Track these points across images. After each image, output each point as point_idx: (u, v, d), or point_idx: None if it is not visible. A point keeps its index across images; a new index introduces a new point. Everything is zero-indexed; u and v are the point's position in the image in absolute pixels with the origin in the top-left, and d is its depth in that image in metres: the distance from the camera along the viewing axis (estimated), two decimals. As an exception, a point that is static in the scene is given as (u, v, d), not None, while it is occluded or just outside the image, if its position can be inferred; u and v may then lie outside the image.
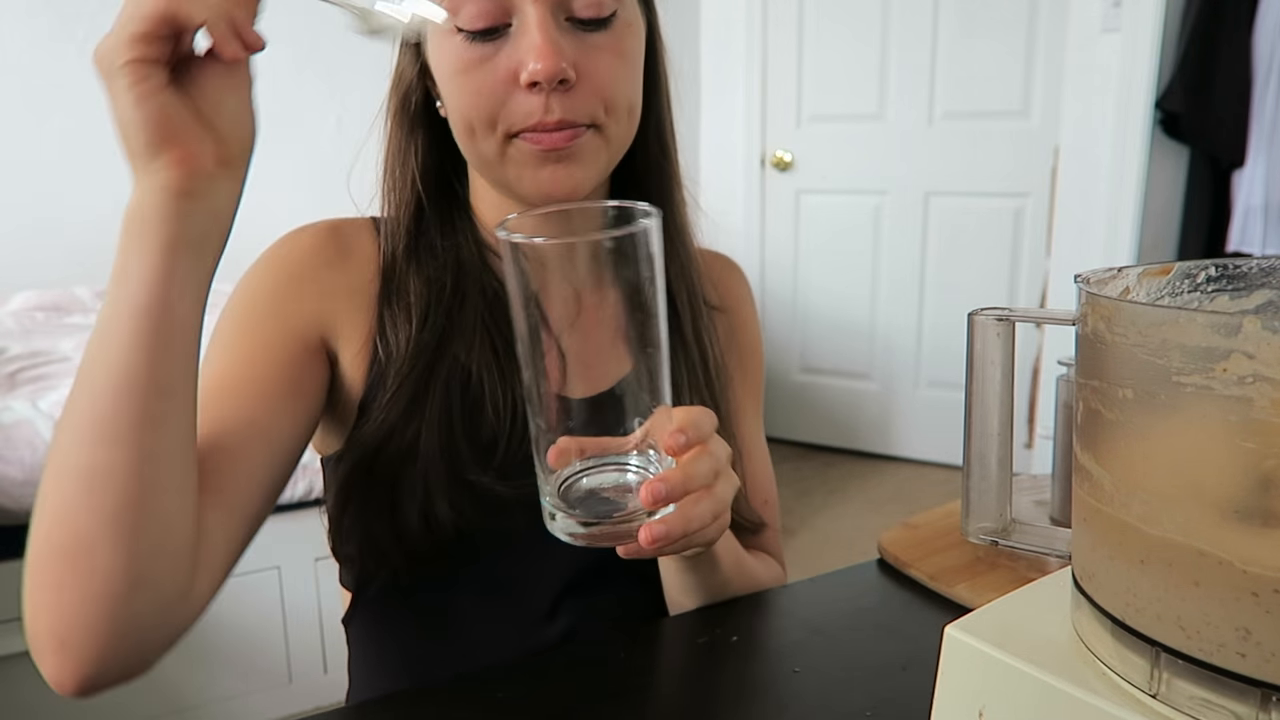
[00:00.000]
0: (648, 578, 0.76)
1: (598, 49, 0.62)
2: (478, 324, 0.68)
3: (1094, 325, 0.35)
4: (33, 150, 2.43)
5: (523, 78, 0.59)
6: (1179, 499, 0.32)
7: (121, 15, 0.45)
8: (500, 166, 0.64)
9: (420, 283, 0.68)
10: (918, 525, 0.78)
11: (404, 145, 0.70)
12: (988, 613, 0.41)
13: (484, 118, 0.62)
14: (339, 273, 0.67)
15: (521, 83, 0.60)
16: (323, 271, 0.67)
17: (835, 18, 2.98)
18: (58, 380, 1.61)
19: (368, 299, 0.68)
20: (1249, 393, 0.29)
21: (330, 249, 0.68)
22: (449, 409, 0.65)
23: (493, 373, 0.66)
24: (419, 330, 0.66)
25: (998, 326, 0.52)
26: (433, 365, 0.66)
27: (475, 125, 0.62)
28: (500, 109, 0.61)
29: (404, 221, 0.69)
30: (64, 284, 2.43)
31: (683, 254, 0.75)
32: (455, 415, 0.65)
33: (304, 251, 0.67)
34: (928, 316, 3.03)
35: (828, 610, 0.68)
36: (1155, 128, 2.43)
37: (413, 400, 0.65)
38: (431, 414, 0.65)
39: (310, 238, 0.68)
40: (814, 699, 0.56)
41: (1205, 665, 0.31)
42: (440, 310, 0.67)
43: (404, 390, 0.65)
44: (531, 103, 0.60)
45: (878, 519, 2.68)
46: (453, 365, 0.66)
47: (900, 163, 2.96)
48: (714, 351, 0.75)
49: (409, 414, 0.65)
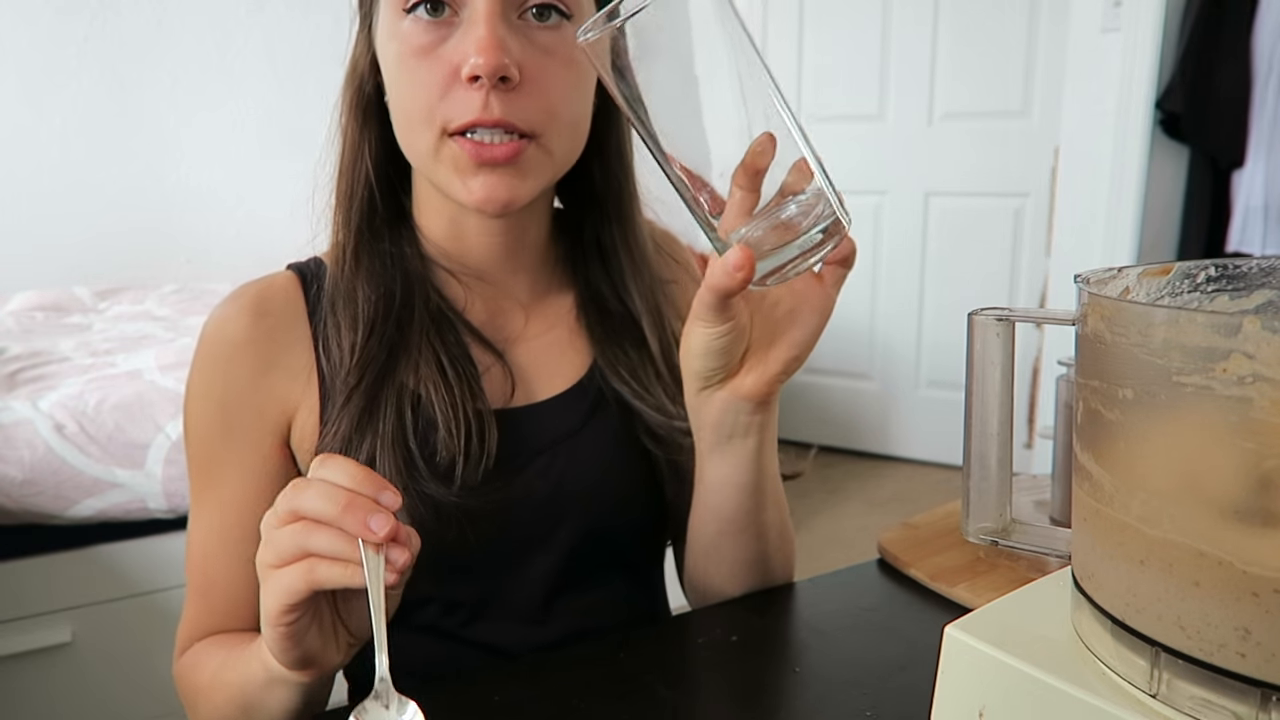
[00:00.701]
0: (639, 575, 0.76)
1: (547, 53, 0.60)
2: (423, 342, 0.65)
3: (1094, 325, 0.35)
4: (33, 150, 2.43)
5: (464, 70, 0.57)
6: (1179, 499, 0.32)
7: (271, 588, 0.49)
8: (433, 166, 0.62)
9: (370, 288, 0.66)
10: (918, 525, 0.78)
11: (358, 139, 0.67)
12: (988, 613, 0.41)
13: (422, 110, 0.60)
14: (274, 344, 0.66)
15: (462, 76, 0.58)
16: (259, 354, 0.65)
17: (835, 18, 2.98)
18: (57, 380, 1.61)
19: (307, 340, 0.67)
20: (1249, 393, 0.29)
21: (257, 327, 0.66)
22: (402, 428, 0.63)
23: (441, 393, 0.64)
24: (366, 337, 0.64)
25: (998, 326, 0.52)
26: (383, 378, 0.64)
27: (413, 117, 0.61)
28: (438, 102, 0.59)
29: (355, 221, 0.67)
30: (64, 284, 2.43)
31: (646, 273, 0.75)
32: (410, 434, 0.63)
33: (234, 348, 0.65)
34: (928, 316, 3.03)
35: (828, 610, 0.68)
36: (1155, 128, 2.43)
37: (365, 413, 0.63)
38: (385, 430, 0.63)
39: (235, 327, 0.66)
40: (814, 699, 0.56)
41: (1205, 665, 0.31)
42: (390, 322, 0.65)
43: (354, 402, 0.63)
44: (471, 98, 0.58)
45: (878, 519, 2.68)
46: (402, 386, 0.64)
47: (900, 163, 2.96)
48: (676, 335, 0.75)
49: (361, 428, 0.63)
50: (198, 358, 0.66)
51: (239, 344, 0.65)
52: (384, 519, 0.46)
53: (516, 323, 0.71)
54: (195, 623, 0.66)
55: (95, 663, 1.54)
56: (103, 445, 1.47)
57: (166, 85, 2.54)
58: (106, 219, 2.54)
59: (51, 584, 1.50)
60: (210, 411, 0.65)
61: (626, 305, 0.73)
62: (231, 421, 0.65)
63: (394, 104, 0.63)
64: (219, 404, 0.65)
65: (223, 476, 0.65)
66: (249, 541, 0.62)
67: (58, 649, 1.51)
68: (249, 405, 0.65)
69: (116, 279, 2.54)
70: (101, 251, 2.54)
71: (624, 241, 0.73)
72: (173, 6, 2.52)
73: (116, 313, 2.23)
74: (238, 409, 0.65)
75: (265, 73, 2.61)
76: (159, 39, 2.51)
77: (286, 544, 0.48)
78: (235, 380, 0.65)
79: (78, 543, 1.51)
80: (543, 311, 0.73)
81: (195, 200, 2.62)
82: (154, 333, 1.97)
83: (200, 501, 0.66)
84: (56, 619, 1.51)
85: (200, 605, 0.66)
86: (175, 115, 2.57)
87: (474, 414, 0.64)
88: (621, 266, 0.73)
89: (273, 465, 0.66)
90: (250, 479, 0.65)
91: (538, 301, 0.73)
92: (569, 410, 0.70)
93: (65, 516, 1.46)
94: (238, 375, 0.65)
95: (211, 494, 0.65)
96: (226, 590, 0.65)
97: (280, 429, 0.66)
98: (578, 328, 0.73)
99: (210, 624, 0.66)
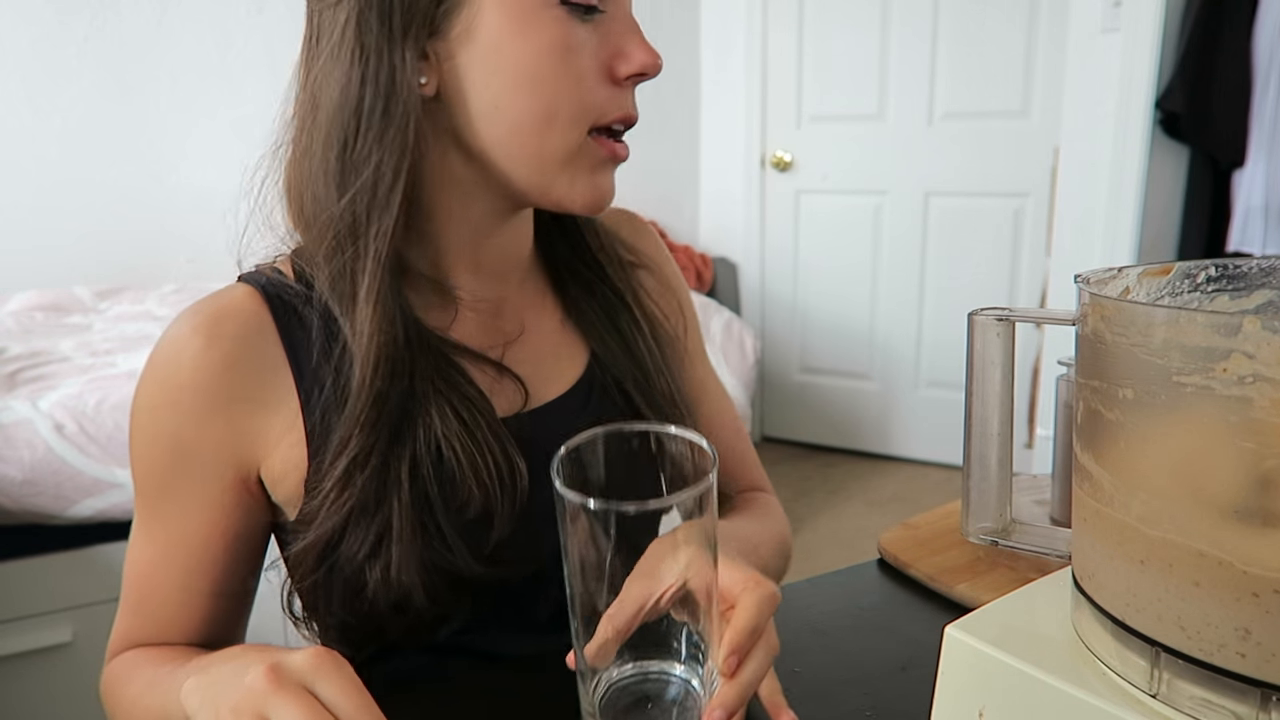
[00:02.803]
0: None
1: None
2: (430, 389, 0.59)
3: (1094, 325, 0.35)
4: (33, 150, 2.43)
5: (626, 69, 0.58)
6: (1179, 499, 0.32)
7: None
8: (563, 165, 0.59)
9: (372, 325, 0.56)
10: (918, 525, 0.78)
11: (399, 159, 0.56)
12: (988, 613, 0.41)
13: (575, 105, 0.57)
14: (236, 373, 0.58)
15: (622, 74, 0.58)
16: (217, 385, 0.58)
17: (835, 18, 2.98)
18: (57, 380, 1.61)
19: (282, 367, 0.60)
20: (1249, 393, 0.29)
21: (214, 354, 0.58)
22: (423, 490, 0.58)
23: (465, 443, 0.58)
24: (373, 372, 0.56)
25: (998, 326, 0.52)
26: (399, 434, 0.58)
27: (561, 112, 0.57)
28: (591, 99, 0.58)
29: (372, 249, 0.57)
30: (64, 284, 2.43)
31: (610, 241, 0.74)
32: (434, 496, 0.58)
33: (188, 376, 0.57)
34: (928, 316, 3.03)
35: (828, 610, 0.68)
36: (1155, 127, 2.43)
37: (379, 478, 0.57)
38: (404, 498, 0.57)
39: (187, 353, 0.57)
40: (814, 699, 0.56)
41: (1205, 665, 0.31)
42: (399, 367, 0.57)
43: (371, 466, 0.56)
44: (623, 97, 0.59)
45: (878, 519, 2.68)
46: (418, 442, 0.58)
47: (900, 163, 2.96)
48: (656, 314, 0.74)
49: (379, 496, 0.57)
50: (145, 383, 0.59)
51: (193, 373, 0.57)
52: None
53: (513, 327, 0.69)
54: (125, 635, 0.64)
55: (95, 663, 1.53)
56: (102, 445, 1.47)
57: (166, 85, 2.54)
58: (106, 219, 2.54)
59: (51, 584, 1.50)
60: (159, 445, 0.59)
61: (604, 278, 0.72)
62: (184, 457, 0.59)
63: (522, 94, 0.56)
64: (170, 439, 0.58)
65: (170, 508, 0.60)
66: (193, 571, 0.61)
67: (58, 649, 1.51)
68: (206, 440, 0.58)
69: (117, 279, 2.54)
70: (101, 251, 2.54)
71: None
72: (173, 7, 2.52)
73: (117, 313, 2.23)
74: (193, 445, 0.58)
75: (265, 74, 2.61)
76: (159, 39, 2.51)
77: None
78: (189, 414, 0.58)
79: (78, 543, 1.51)
80: (538, 306, 0.72)
81: (195, 200, 2.62)
82: (154, 333, 1.97)
83: (146, 521, 0.62)
84: (56, 619, 1.51)
85: (132, 620, 0.63)
86: (175, 115, 2.57)
87: (499, 450, 0.60)
88: (586, 241, 0.72)
89: (230, 498, 0.60)
90: (204, 512, 0.60)
91: (532, 300, 0.72)
92: (577, 403, 0.69)
93: (65, 516, 1.47)
94: (191, 408, 0.58)
95: (157, 520, 0.61)
96: (160, 610, 0.62)
97: (244, 462, 0.60)
98: (566, 318, 0.72)
99: (140, 638, 0.64)
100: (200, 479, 0.59)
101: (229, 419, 0.58)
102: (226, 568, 0.63)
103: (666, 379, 0.71)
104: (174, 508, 0.60)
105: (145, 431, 0.60)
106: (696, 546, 0.43)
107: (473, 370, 0.63)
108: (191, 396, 0.58)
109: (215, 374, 0.58)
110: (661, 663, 0.46)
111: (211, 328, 0.58)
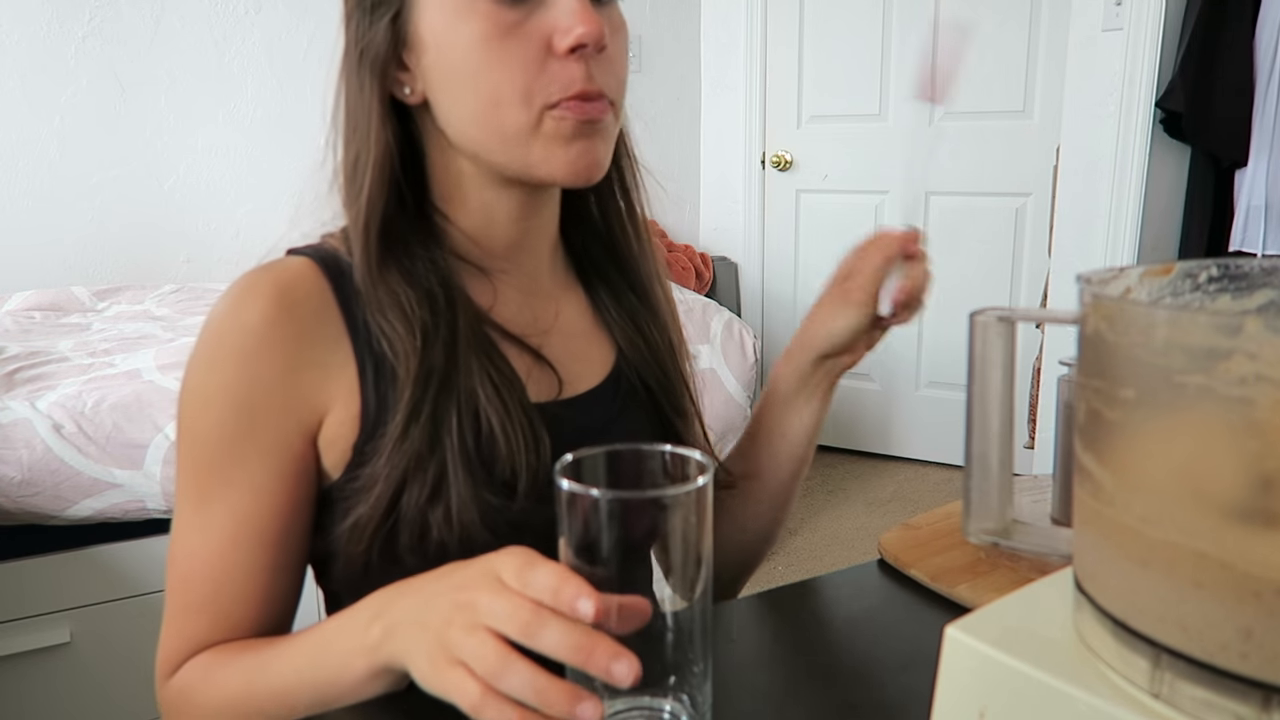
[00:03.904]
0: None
1: (612, 27, 0.61)
2: (470, 350, 0.62)
3: (1096, 325, 0.35)
4: (32, 149, 2.43)
5: (563, 43, 0.57)
6: (1181, 500, 0.32)
7: (454, 690, 0.44)
8: (527, 144, 0.60)
9: (408, 287, 0.61)
10: (918, 526, 0.78)
11: (382, 129, 0.62)
12: (989, 613, 0.41)
13: (518, 88, 0.58)
14: (305, 337, 0.60)
15: (560, 48, 0.58)
16: (288, 348, 0.59)
17: (835, 18, 2.98)
18: (56, 380, 1.61)
19: (341, 334, 0.62)
20: (1251, 393, 0.29)
21: (285, 319, 0.59)
22: (464, 441, 0.60)
23: (496, 404, 0.61)
24: (423, 343, 0.60)
25: (999, 327, 0.52)
26: (447, 387, 0.60)
27: (505, 97, 0.58)
28: (535, 79, 0.58)
29: (379, 215, 0.62)
30: (63, 283, 2.43)
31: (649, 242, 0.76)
32: (471, 453, 0.60)
33: (260, 341, 0.59)
34: (928, 316, 3.02)
35: (828, 610, 0.67)
36: (1156, 127, 2.43)
37: (433, 425, 0.59)
38: (454, 444, 0.59)
39: (258, 318, 0.59)
40: (814, 699, 0.56)
41: (1207, 666, 0.31)
42: (443, 326, 0.61)
43: (424, 415, 0.59)
44: (572, 70, 0.58)
45: (878, 519, 2.68)
46: (462, 396, 0.61)
47: (900, 163, 2.96)
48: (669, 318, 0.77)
49: (432, 444, 0.59)
50: (207, 353, 0.60)
51: (265, 337, 0.58)
52: (629, 666, 0.41)
53: (548, 315, 0.70)
54: (192, 639, 0.61)
55: (94, 663, 1.54)
56: (101, 445, 1.47)
57: (165, 85, 2.54)
58: (105, 218, 2.54)
59: (51, 584, 1.50)
60: (228, 411, 0.59)
61: (635, 285, 0.74)
62: (257, 421, 0.59)
63: (467, 88, 0.59)
64: (242, 403, 0.59)
65: (239, 481, 0.59)
66: (268, 547, 0.60)
67: (57, 649, 1.51)
68: (277, 403, 0.59)
69: (115, 279, 2.54)
70: (100, 251, 2.54)
71: (629, 213, 0.73)
72: (171, 7, 2.51)
73: (115, 312, 2.23)
74: (265, 408, 0.59)
75: (264, 73, 2.61)
76: (158, 39, 2.51)
77: (516, 685, 0.42)
78: (261, 377, 0.59)
79: (77, 543, 1.51)
80: (568, 300, 0.73)
81: (194, 200, 2.62)
82: (153, 332, 1.97)
83: (202, 508, 0.60)
84: (56, 619, 1.51)
85: (198, 621, 0.60)
86: (174, 115, 2.57)
87: (527, 425, 0.62)
88: (629, 237, 0.73)
89: (301, 465, 0.61)
90: (275, 482, 0.60)
91: (562, 291, 0.73)
92: (607, 399, 0.70)
93: (64, 517, 1.46)
94: (264, 371, 0.59)
95: (218, 502, 0.60)
96: (233, 605, 0.60)
97: (309, 428, 0.61)
98: (596, 315, 0.74)
99: (211, 637, 0.61)
100: (272, 445, 0.60)
101: (299, 381, 0.60)
102: (293, 542, 0.62)
103: (682, 384, 0.74)
104: (241, 480, 0.59)
105: (211, 402, 0.59)
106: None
107: (510, 353, 0.65)
108: (265, 359, 0.59)
109: (286, 337, 0.59)
110: (653, 699, 0.46)
111: (282, 294, 0.60)
